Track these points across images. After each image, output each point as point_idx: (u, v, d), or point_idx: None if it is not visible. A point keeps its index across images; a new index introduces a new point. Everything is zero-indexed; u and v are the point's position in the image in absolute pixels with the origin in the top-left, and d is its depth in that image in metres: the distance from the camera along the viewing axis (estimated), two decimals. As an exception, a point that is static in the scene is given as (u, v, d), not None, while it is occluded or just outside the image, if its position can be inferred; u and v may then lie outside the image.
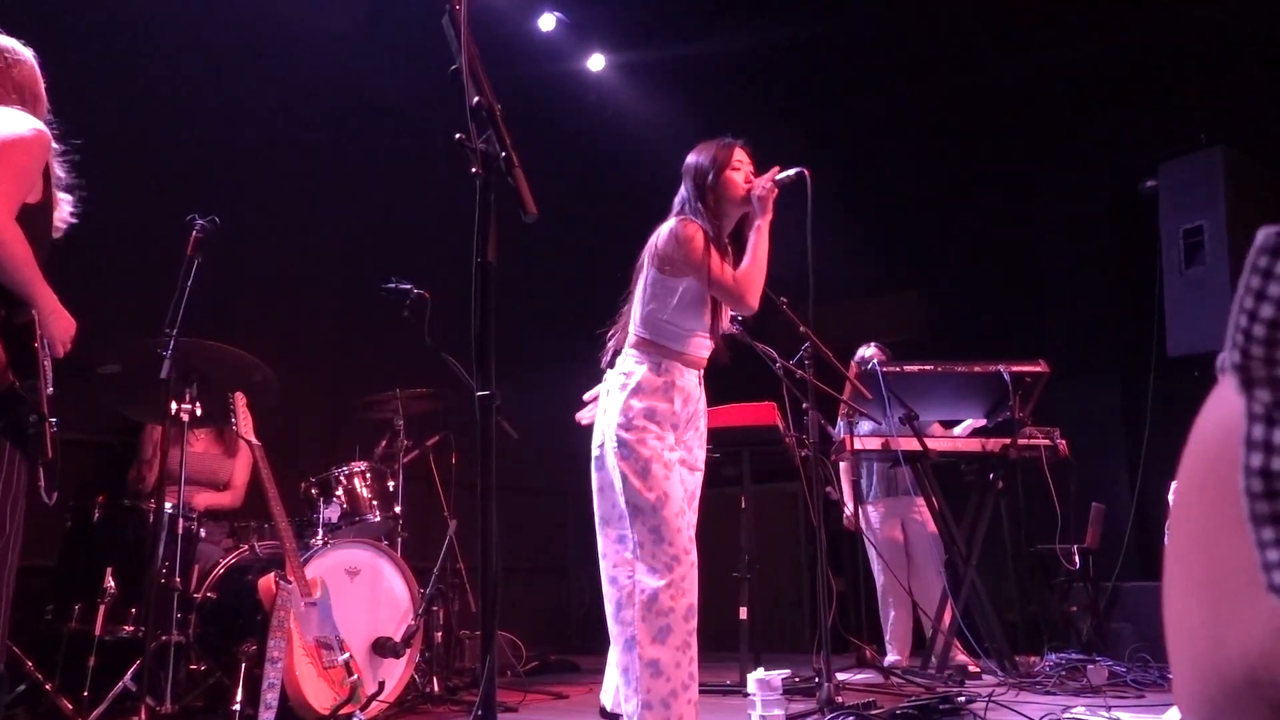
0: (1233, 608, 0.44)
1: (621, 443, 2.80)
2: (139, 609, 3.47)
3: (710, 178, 2.97)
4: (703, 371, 3.00)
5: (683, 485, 2.88)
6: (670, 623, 2.71)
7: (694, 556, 2.79)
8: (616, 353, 3.00)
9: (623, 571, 2.85)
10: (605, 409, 2.91)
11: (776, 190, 2.96)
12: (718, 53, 6.52)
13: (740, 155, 3.04)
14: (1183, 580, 0.48)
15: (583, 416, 3.17)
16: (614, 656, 2.91)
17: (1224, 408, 0.47)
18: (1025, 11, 6.12)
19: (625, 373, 2.88)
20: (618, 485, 2.82)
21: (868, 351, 5.19)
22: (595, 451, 2.93)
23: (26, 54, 2.27)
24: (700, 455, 3.01)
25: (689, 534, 2.81)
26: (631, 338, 2.94)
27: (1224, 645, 0.44)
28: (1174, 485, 0.50)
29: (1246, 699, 0.43)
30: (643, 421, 2.81)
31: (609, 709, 3.01)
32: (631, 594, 2.77)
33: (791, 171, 3.02)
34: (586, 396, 3.17)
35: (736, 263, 2.92)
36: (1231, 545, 0.44)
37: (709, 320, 2.90)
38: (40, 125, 2.10)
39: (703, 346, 2.97)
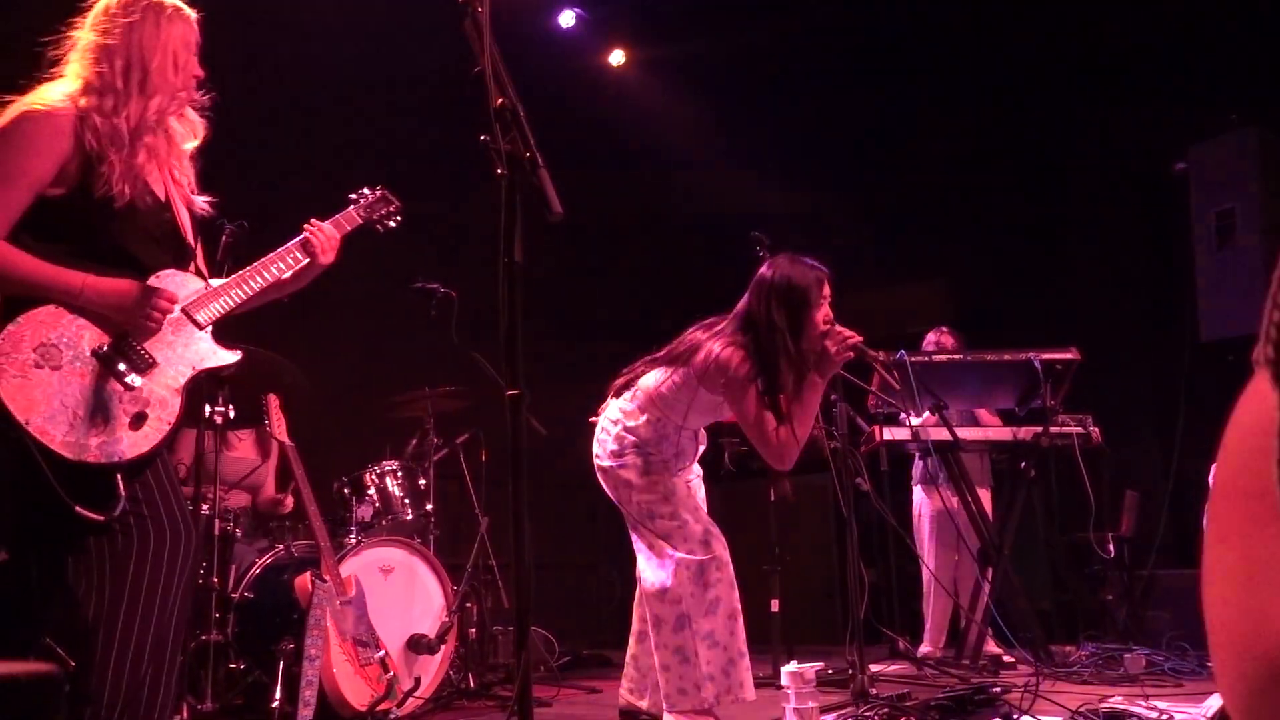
0: (1271, 596, 0.44)
1: (616, 455, 2.99)
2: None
3: (802, 315, 2.76)
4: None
5: (689, 486, 3.07)
6: (719, 594, 2.81)
7: (718, 534, 2.91)
8: (619, 396, 3.08)
9: (656, 562, 2.92)
10: (601, 438, 3.07)
11: (852, 356, 2.78)
12: (740, 43, 6.50)
13: (827, 290, 2.84)
14: (1221, 568, 0.48)
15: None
16: (634, 650, 3.07)
17: (1259, 401, 0.47)
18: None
19: (628, 418, 3.01)
20: (626, 492, 2.98)
21: (935, 336, 5.20)
22: (598, 464, 3.09)
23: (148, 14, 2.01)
24: (702, 495, 3.19)
25: (710, 527, 2.93)
26: (641, 397, 2.99)
27: (1263, 633, 0.44)
28: (1213, 470, 0.51)
29: None
30: (635, 459, 2.97)
31: (637, 705, 3.04)
32: (671, 578, 2.83)
33: (881, 356, 2.92)
34: None
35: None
36: (1267, 536, 0.44)
37: (711, 422, 3.06)
38: (36, 107, 1.90)
39: (699, 437, 3.13)
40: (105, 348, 1.92)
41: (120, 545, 1.91)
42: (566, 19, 6.47)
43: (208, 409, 3.47)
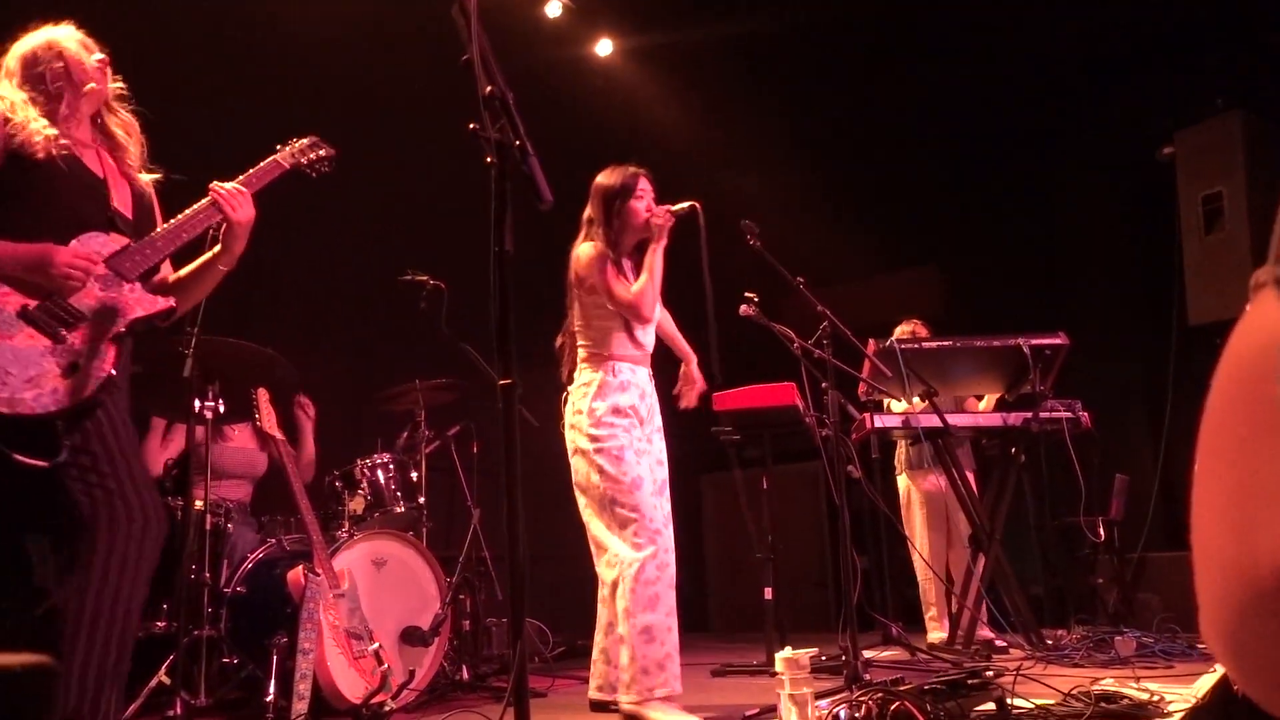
0: (1266, 512, 0.44)
1: (594, 439, 3.11)
2: (170, 604, 3.51)
3: (616, 204, 3.26)
4: (650, 368, 3.30)
5: (652, 475, 3.16)
6: (658, 590, 2.98)
7: (670, 535, 3.09)
8: (572, 369, 3.32)
9: (606, 555, 3.10)
10: (571, 420, 3.21)
11: (673, 220, 3.23)
12: (730, 32, 6.49)
13: (644, 185, 3.31)
14: (1212, 491, 0.48)
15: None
16: (600, 642, 3.17)
17: (1258, 322, 0.47)
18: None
19: (585, 383, 3.20)
20: (595, 479, 3.11)
21: (908, 328, 5.22)
22: (571, 458, 3.20)
23: (40, 40, 2.32)
24: (662, 447, 3.30)
25: (665, 513, 3.12)
26: (581, 353, 3.28)
27: (1255, 551, 0.44)
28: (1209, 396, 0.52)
29: (1277, 604, 0.43)
30: (610, 418, 3.12)
31: (607, 699, 3.11)
32: (618, 570, 3.02)
33: (684, 205, 3.25)
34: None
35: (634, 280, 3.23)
36: (1266, 452, 0.44)
37: (641, 323, 3.23)
38: None
39: (639, 344, 3.26)
40: (31, 308, 2.04)
41: (84, 524, 1.97)
42: (553, 8, 6.44)
43: (198, 404, 3.46)
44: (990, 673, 3.20)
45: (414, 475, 4.21)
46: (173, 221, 2.32)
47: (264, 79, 4.96)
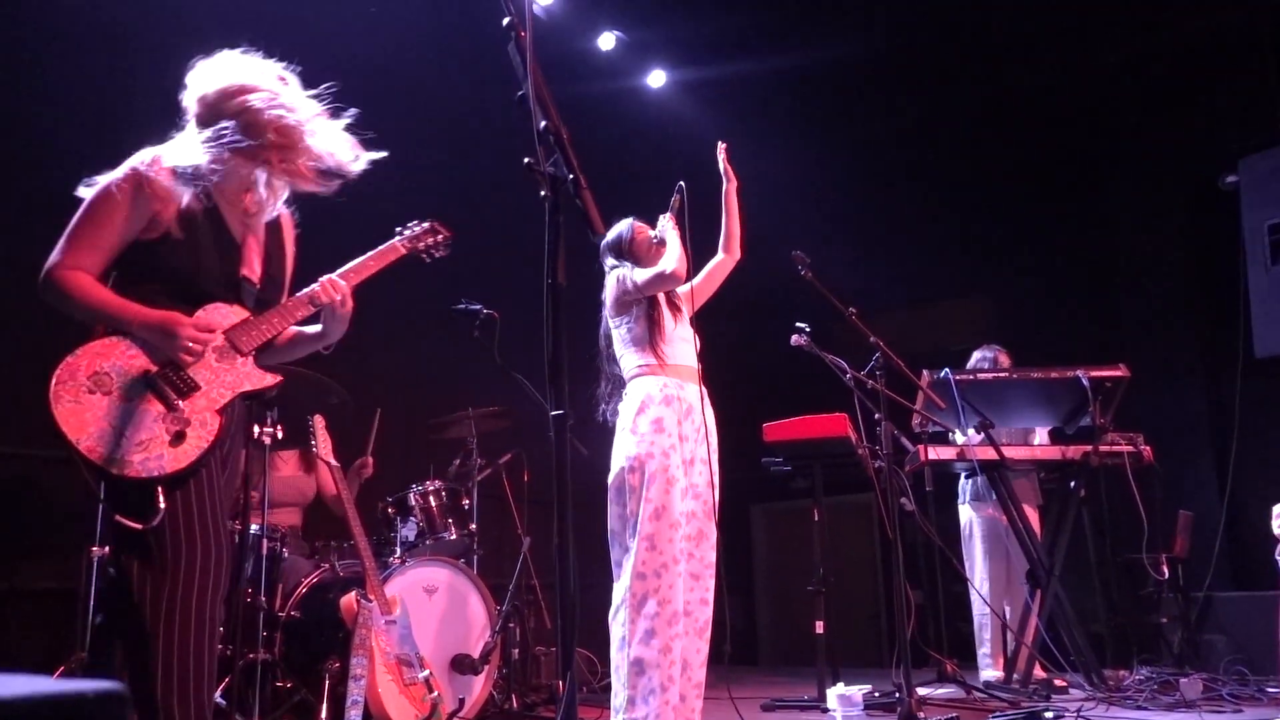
0: None
1: (633, 459, 3.11)
2: (226, 628, 3.55)
3: (628, 245, 3.42)
4: (700, 384, 3.29)
5: (682, 505, 3.12)
6: (655, 626, 2.99)
7: (683, 568, 3.09)
8: (616, 404, 3.35)
9: (618, 576, 3.12)
10: (618, 440, 3.22)
11: (674, 218, 3.35)
12: (782, 66, 6.50)
13: (637, 224, 3.47)
14: None
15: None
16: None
17: None
18: (1099, 4, 5.97)
19: (634, 405, 3.22)
20: (625, 499, 3.11)
21: (989, 354, 5.13)
22: (612, 474, 3.20)
23: (210, 76, 2.26)
24: (702, 480, 3.25)
25: (681, 547, 3.10)
26: (624, 384, 3.33)
27: None
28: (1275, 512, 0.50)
29: None
30: (651, 434, 3.13)
31: None
32: (621, 596, 3.06)
33: (675, 199, 3.38)
34: None
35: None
36: None
37: (661, 331, 3.28)
38: (120, 175, 2.15)
39: (676, 355, 3.28)
40: (153, 373, 2.11)
41: (160, 563, 2.06)
42: (606, 41, 6.53)
43: (256, 429, 3.52)
44: (1050, 714, 3.12)
45: (465, 503, 4.22)
46: (290, 301, 2.38)
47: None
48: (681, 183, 3.42)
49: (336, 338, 2.49)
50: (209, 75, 2.27)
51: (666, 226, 3.34)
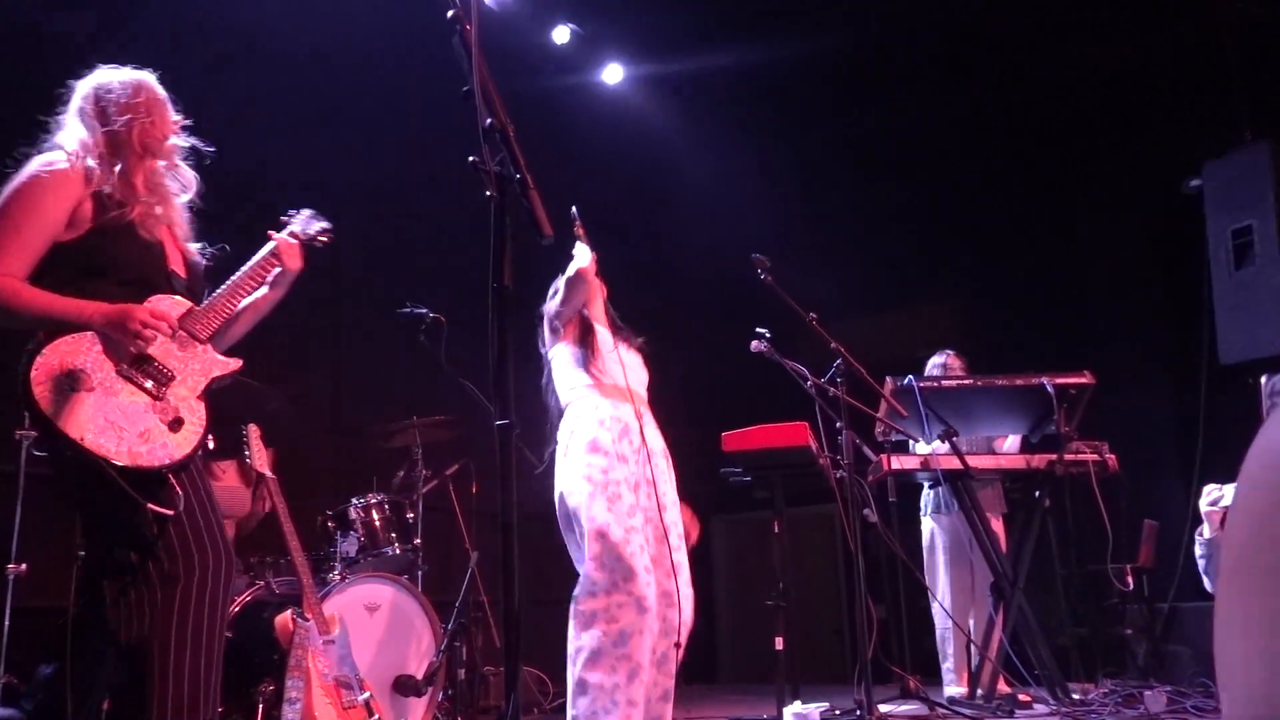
0: None
1: (570, 484, 3.09)
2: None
3: (560, 306, 3.34)
4: (637, 405, 3.24)
5: (631, 521, 3.06)
6: (600, 647, 2.96)
7: (636, 588, 2.98)
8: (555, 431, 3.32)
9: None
10: (557, 468, 3.19)
11: (582, 229, 3.28)
12: (745, 63, 6.43)
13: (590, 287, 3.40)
14: (1240, 618, 0.53)
15: None
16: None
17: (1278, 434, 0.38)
18: (1061, 10, 5.97)
19: (568, 430, 3.19)
20: (571, 525, 3.10)
21: (941, 359, 5.04)
22: (557, 505, 3.17)
23: (116, 79, 2.34)
24: (652, 504, 3.18)
25: (633, 564, 3.00)
26: (562, 395, 3.31)
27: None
28: (1204, 491, 0.46)
29: None
30: (585, 454, 3.08)
31: None
32: (576, 608, 3.05)
33: (577, 228, 3.28)
34: None
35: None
36: None
37: (591, 352, 3.25)
38: (43, 167, 2.17)
39: (608, 375, 3.24)
40: (127, 366, 2.15)
41: (167, 569, 2.10)
42: (561, 34, 6.40)
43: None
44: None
45: (409, 516, 4.11)
46: (231, 281, 2.41)
47: (261, 101, 4.88)
48: (574, 208, 3.33)
49: (277, 299, 2.54)
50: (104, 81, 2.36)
51: (582, 245, 3.31)
